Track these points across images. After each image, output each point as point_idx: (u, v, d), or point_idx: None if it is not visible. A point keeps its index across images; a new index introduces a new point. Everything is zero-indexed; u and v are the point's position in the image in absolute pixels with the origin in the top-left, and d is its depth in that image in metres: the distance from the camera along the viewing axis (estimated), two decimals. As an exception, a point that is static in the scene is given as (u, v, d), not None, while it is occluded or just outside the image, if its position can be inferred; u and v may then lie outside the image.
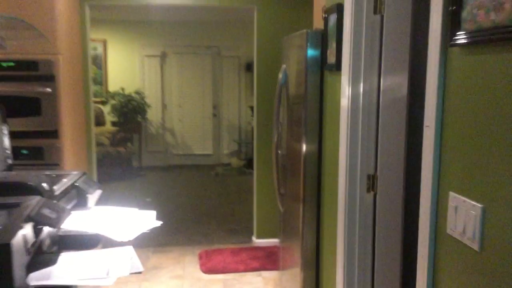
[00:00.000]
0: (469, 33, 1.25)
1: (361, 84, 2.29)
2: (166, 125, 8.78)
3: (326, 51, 2.68)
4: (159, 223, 2.03)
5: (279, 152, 3.39)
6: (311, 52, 2.82)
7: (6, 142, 2.10)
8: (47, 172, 2.04)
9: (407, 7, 2.21)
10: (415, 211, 2.30)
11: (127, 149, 8.10)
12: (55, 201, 1.65)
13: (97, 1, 4.19)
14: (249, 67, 8.61)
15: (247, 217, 5.55)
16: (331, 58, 2.58)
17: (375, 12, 2.24)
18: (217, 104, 8.76)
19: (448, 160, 1.40)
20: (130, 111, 8.13)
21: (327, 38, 2.66)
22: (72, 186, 2.00)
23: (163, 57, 8.56)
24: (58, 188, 1.82)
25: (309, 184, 2.93)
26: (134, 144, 8.44)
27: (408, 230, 2.35)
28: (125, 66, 8.47)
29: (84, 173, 2.21)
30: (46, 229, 1.56)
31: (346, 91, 2.33)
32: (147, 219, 2.04)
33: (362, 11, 2.25)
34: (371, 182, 2.35)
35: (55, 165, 3.65)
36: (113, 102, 8.20)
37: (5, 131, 2.10)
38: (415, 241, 2.26)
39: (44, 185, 1.68)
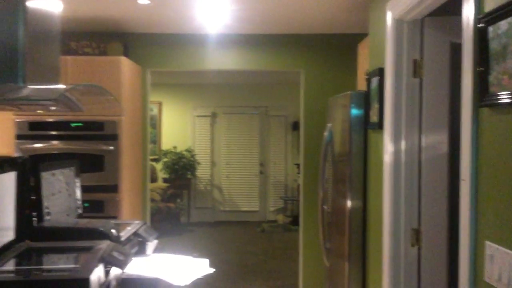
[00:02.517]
0: (496, 96, 1.39)
1: (402, 142, 2.42)
2: (214, 182, 9.04)
3: (369, 111, 2.85)
4: (212, 270, 2.18)
5: (325, 208, 3.50)
6: (355, 112, 2.99)
7: (78, 193, 2.35)
8: (113, 221, 2.26)
9: (445, 71, 2.37)
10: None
11: (177, 205, 8.36)
12: (122, 246, 1.84)
13: (158, 68, 4.58)
14: (295, 126, 8.84)
15: (292, 274, 5.56)
16: (374, 118, 2.74)
17: (414, 76, 2.41)
18: (264, 162, 8.98)
19: (483, 211, 1.49)
20: (181, 168, 8.47)
21: (369, 99, 2.83)
22: (135, 233, 2.19)
23: (213, 117, 8.96)
24: (123, 235, 2.02)
25: (354, 240, 3.01)
26: (183, 200, 8.71)
27: (454, 283, 2.38)
28: (178, 126, 8.92)
29: (144, 223, 2.42)
30: (113, 271, 1.74)
31: (388, 148, 2.47)
32: (201, 266, 2.20)
33: (402, 74, 2.42)
34: (415, 236, 2.42)
35: (113, 217, 3.89)
36: (165, 159, 8.58)
37: (78, 184, 2.35)
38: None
39: (113, 231, 1.88)
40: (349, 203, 3.01)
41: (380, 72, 2.61)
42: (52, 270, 1.44)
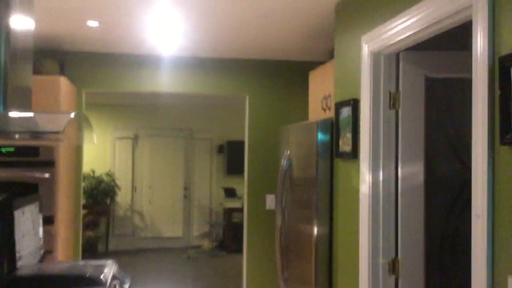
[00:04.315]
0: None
1: (380, 172, 2.45)
2: (135, 207, 8.62)
3: (337, 140, 2.86)
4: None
5: (282, 235, 3.44)
6: (321, 139, 2.99)
7: (41, 232, 2.07)
8: (89, 262, 2.01)
9: (420, 102, 2.45)
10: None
11: (95, 233, 7.83)
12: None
13: (94, 88, 4.28)
14: (220, 149, 8.76)
15: (230, 302, 5.42)
16: (345, 147, 2.75)
17: (390, 108, 2.47)
18: (188, 185, 8.76)
19: (502, 246, 1.53)
20: (100, 193, 7.97)
21: (338, 128, 2.85)
22: (114, 277, 1.97)
23: (135, 139, 8.59)
24: (108, 279, 1.80)
25: (321, 267, 2.98)
26: (101, 227, 8.19)
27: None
28: (96, 149, 8.40)
29: (115, 263, 2.18)
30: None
31: (366, 179, 2.48)
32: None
33: (379, 106, 2.46)
34: (393, 266, 2.44)
35: (49, 252, 3.51)
36: (82, 184, 8.02)
37: (40, 221, 2.08)
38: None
39: (101, 276, 1.67)
40: (315, 230, 2.98)
41: (354, 103, 2.64)
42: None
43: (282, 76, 4.52)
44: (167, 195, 8.66)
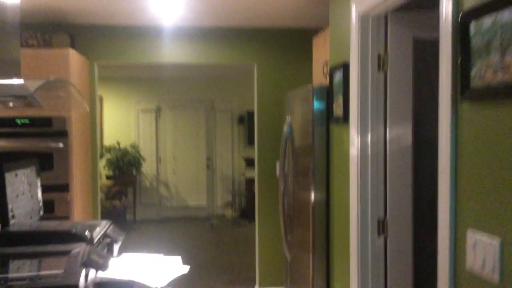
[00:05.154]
0: (478, 90, 1.45)
1: (369, 135, 2.48)
2: (160, 178, 8.87)
3: (332, 105, 2.89)
4: (187, 268, 2.14)
5: (285, 201, 3.53)
6: (317, 106, 3.02)
7: (39, 194, 2.21)
8: (84, 222, 2.15)
9: (408, 65, 2.45)
10: (423, 252, 2.44)
11: (122, 203, 8.13)
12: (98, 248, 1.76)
13: (106, 61, 4.40)
14: (241, 120, 8.85)
15: (247, 267, 5.58)
16: (338, 111, 2.78)
17: (379, 70, 2.47)
18: (211, 156, 8.92)
19: (464, 200, 1.56)
20: (126, 164, 8.23)
21: (332, 93, 2.88)
22: (105, 234, 2.10)
23: (157, 111, 8.77)
24: (95, 237, 1.93)
25: (318, 231, 3.06)
26: (128, 197, 8.48)
27: (419, 270, 2.48)
28: (121, 121, 8.64)
29: (111, 223, 2.32)
30: (90, 275, 1.66)
31: (355, 141, 2.52)
32: (174, 265, 2.15)
33: (367, 69, 2.47)
34: (382, 226, 2.49)
35: (65, 218, 3.72)
36: (108, 156, 8.30)
37: (39, 184, 2.22)
38: (425, 280, 2.39)
39: (87, 233, 1.79)
40: (312, 196, 3.05)
41: (345, 67, 2.65)
42: (35, 277, 1.34)
43: (289, 43, 4.52)
44: (191, 165, 8.86)
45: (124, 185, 8.33)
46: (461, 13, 1.53)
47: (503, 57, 1.33)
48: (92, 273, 1.65)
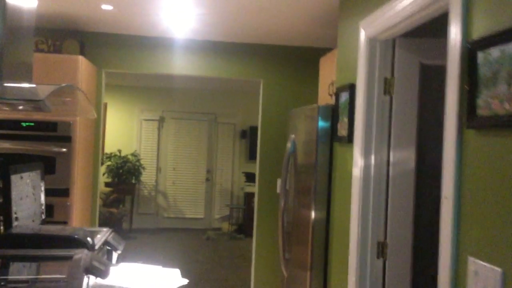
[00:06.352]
0: (484, 118, 1.47)
1: (372, 157, 2.49)
2: (159, 188, 8.86)
3: (336, 124, 2.91)
4: (185, 281, 2.13)
5: (285, 218, 3.53)
6: (322, 125, 3.05)
7: (43, 198, 2.22)
8: (85, 228, 2.15)
9: (414, 89, 2.48)
10: (421, 276, 2.44)
11: (119, 210, 8.11)
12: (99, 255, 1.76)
13: (114, 69, 4.44)
14: (243, 134, 8.88)
15: (240, 282, 5.56)
16: (342, 131, 2.80)
17: (385, 93, 2.50)
18: (211, 169, 8.93)
19: (467, 228, 1.57)
20: (125, 172, 8.24)
21: (337, 113, 2.90)
22: (105, 242, 2.10)
23: (160, 121, 8.81)
24: (96, 243, 1.93)
25: (317, 250, 3.06)
26: (126, 205, 8.47)
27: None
28: (123, 129, 8.67)
29: (112, 230, 2.32)
30: (90, 282, 1.66)
31: (358, 162, 2.53)
32: (173, 277, 2.14)
33: (374, 91, 2.50)
34: (381, 249, 2.49)
35: (64, 222, 3.72)
36: (109, 163, 8.30)
37: (43, 188, 2.23)
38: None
39: (89, 239, 1.79)
40: (313, 214, 3.05)
41: (351, 88, 2.68)
42: (37, 281, 1.35)
43: (295, 62, 4.57)
44: (190, 177, 8.86)
45: (123, 193, 8.33)
46: (469, 42, 1.55)
47: (510, 88, 1.35)
48: (92, 280, 1.66)
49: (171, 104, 8.73)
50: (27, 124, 3.66)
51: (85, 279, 1.44)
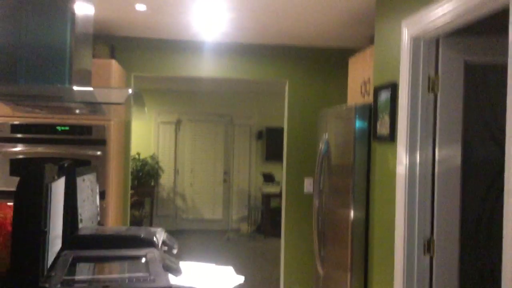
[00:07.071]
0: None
1: (417, 155, 2.52)
2: (177, 190, 8.91)
3: (375, 123, 2.93)
4: (242, 278, 2.17)
5: (320, 217, 3.55)
6: (359, 124, 3.07)
7: (98, 200, 2.26)
8: (143, 228, 2.19)
9: (459, 88, 2.50)
10: (469, 272, 2.46)
11: (140, 213, 8.17)
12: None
13: (143, 73, 4.48)
14: (260, 136, 8.92)
15: (268, 282, 5.59)
16: (383, 130, 2.82)
17: (429, 92, 2.52)
18: (228, 170, 8.97)
19: (533, 223, 1.59)
20: (145, 175, 8.29)
21: (376, 111, 2.92)
22: (163, 242, 2.14)
23: (177, 124, 8.86)
24: (158, 242, 1.97)
25: (357, 249, 3.08)
26: (145, 208, 8.53)
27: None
28: (141, 132, 8.72)
29: (163, 230, 2.36)
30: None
31: (403, 160, 2.56)
32: (229, 275, 2.18)
33: (418, 90, 2.52)
34: (428, 246, 2.51)
35: (101, 224, 3.75)
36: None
37: (97, 190, 2.27)
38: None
39: (155, 238, 1.83)
40: (351, 214, 3.08)
41: (393, 86, 2.70)
42: (123, 279, 1.38)
43: (321, 62, 4.60)
44: (208, 179, 8.91)
45: (142, 195, 8.38)
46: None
47: None
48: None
49: (187, 106, 8.78)
50: (62, 128, 3.70)
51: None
